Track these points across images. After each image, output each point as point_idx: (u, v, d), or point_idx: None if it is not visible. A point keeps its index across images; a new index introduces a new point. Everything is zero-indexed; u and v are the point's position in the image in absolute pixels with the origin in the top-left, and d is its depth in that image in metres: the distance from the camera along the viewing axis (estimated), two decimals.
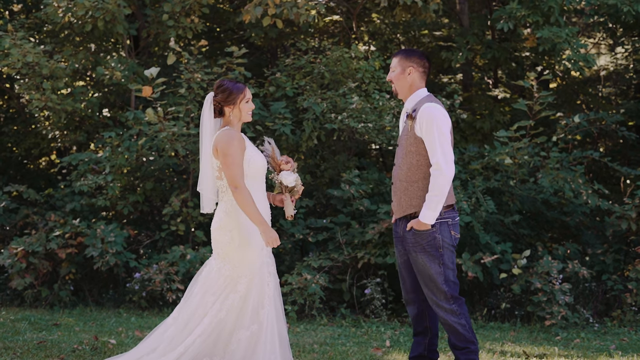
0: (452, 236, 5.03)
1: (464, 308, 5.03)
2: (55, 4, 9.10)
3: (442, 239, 4.98)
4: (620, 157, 11.53)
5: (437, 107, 4.99)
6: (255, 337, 5.02)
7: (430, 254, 4.99)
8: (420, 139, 4.97)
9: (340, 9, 11.29)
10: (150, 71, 8.31)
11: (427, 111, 4.96)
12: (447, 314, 5.01)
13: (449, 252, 5.01)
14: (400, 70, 5.11)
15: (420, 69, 5.11)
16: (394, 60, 5.16)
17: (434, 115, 4.94)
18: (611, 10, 9.84)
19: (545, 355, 6.44)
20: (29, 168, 11.60)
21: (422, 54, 5.17)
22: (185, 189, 9.11)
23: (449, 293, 4.98)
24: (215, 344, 5.01)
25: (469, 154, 9.49)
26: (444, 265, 4.99)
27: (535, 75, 8.66)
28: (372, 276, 8.40)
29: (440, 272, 4.98)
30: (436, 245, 4.98)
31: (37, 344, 6.28)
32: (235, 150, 4.98)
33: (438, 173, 4.86)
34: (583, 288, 8.41)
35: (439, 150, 4.88)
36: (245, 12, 9.16)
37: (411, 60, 5.10)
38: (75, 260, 8.66)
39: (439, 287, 4.99)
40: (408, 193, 5.02)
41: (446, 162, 4.87)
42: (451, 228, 5.02)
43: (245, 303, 5.02)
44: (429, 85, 5.34)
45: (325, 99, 9.17)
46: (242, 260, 5.03)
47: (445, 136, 4.92)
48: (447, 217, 5.00)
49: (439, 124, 4.92)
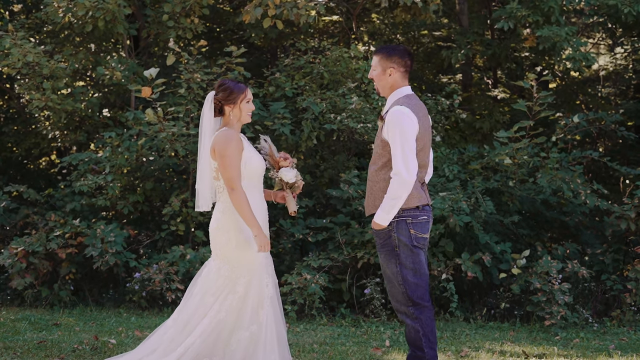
0: (413, 235, 4.88)
1: (424, 315, 4.88)
2: (56, 4, 9.11)
3: (399, 237, 4.86)
4: (620, 157, 11.54)
5: (404, 112, 4.82)
6: (255, 337, 5.03)
7: (386, 253, 4.92)
8: (386, 142, 4.88)
9: (340, 9, 11.30)
10: (149, 72, 8.32)
11: (394, 115, 4.84)
12: (404, 315, 4.93)
13: (407, 251, 4.87)
14: (380, 70, 5.02)
15: (401, 69, 5.02)
16: (374, 59, 5.06)
17: (399, 120, 4.80)
18: (611, 11, 9.85)
19: (545, 355, 6.45)
20: (29, 168, 11.61)
21: (403, 52, 5.05)
22: (185, 189, 9.12)
23: (406, 294, 4.87)
24: (215, 345, 5.02)
25: (469, 154, 9.50)
26: (401, 264, 4.87)
27: (535, 76, 8.65)
28: (372, 276, 8.41)
29: (397, 271, 4.88)
30: (392, 244, 4.88)
31: (37, 344, 6.29)
32: (233, 152, 4.99)
33: (397, 178, 4.76)
34: (582, 288, 8.42)
35: (400, 156, 4.76)
36: (245, 13, 9.17)
37: (392, 61, 5.00)
38: (76, 260, 8.67)
39: (396, 287, 4.90)
40: (373, 193, 4.97)
41: (407, 169, 4.75)
42: (411, 227, 4.87)
43: (244, 303, 5.03)
44: (428, 86, 5.33)
45: (325, 99, 9.18)
46: (241, 260, 5.04)
47: (407, 142, 4.77)
48: (407, 215, 4.87)
49: (402, 129, 4.78)
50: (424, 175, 4.99)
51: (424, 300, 4.90)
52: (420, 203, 4.91)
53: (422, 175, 4.96)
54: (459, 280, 8.46)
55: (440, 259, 8.28)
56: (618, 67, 13.32)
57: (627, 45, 13.05)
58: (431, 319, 4.92)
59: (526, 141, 8.47)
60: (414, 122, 4.83)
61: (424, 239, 4.95)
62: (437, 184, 8.84)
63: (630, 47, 12.88)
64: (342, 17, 11.53)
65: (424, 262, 4.94)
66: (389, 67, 5.00)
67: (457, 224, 8.05)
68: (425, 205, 4.95)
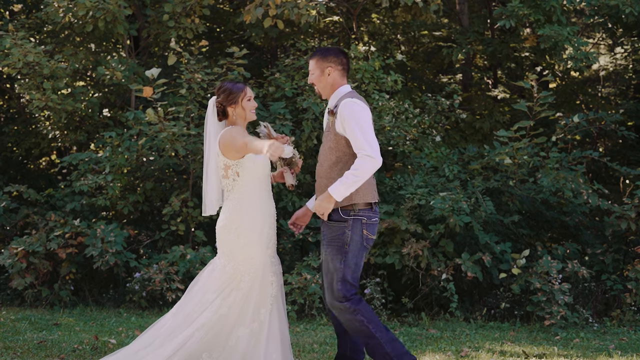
0: (364, 236, 4.93)
1: (360, 305, 4.91)
2: (56, 4, 9.11)
3: (352, 235, 4.91)
4: (620, 157, 11.55)
5: (355, 102, 4.92)
6: (256, 335, 5.04)
7: (335, 248, 4.94)
8: (340, 136, 4.94)
9: (340, 10, 11.30)
10: (151, 72, 8.33)
11: (346, 106, 4.92)
12: (342, 312, 4.94)
13: (355, 250, 4.92)
14: (319, 72, 5.08)
15: (339, 67, 5.07)
16: (311, 63, 5.13)
17: (352, 110, 4.90)
18: (612, 11, 9.85)
19: (545, 355, 6.45)
20: (29, 168, 11.61)
21: (338, 52, 5.12)
22: (185, 189, 9.12)
23: (340, 292, 4.90)
24: (215, 340, 5.03)
25: (469, 154, 9.50)
26: (345, 263, 4.91)
27: (536, 76, 8.65)
28: (372, 276, 8.41)
29: (340, 268, 4.91)
30: (344, 240, 4.92)
31: (38, 344, 6.29)
32: (245, 138, 5.03)
33: (368, 158, 4.82)
34: (582, 288, 8.42)
35: (364, 141, 4.84)
36: (245, 13, 9.17)
37: (328, 60, 5.06)
38: (76, 260, 8.67)
39: (334, 284, 4.93)
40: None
41: (372, 150, 4.83)
42: (365, 227, 4.93)
43: (247, 301, 5.06)
44: (428, 85, 5.36)
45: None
46: (246, 258, 5.07)
47: (367, 127, 4.87)
48: (363, 215, 4.93)
49: (357, 118, 4.87)
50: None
51: (354, 295, 4.95)
52: (372, 200, 4.99)
53: None
54: (459, 280, 8.47)
55: (440, 259, 8.29)
56: (618, 67, 13.33)
57: (627, 45, 13.07)
58: (367, 306, 4.96)
59: (526, 141, 8.48)
60: (367, 111, 4.95)
61: (372, 240, 5.03)
62: (437, 184, 8.85)
63: (630, 47, 12.89)
64: (342, 17, 11.54)
65: (362, 263, 5.01)
66: (327, 67, 5.07)
67: (457, 224, 8.05)
68: (376, 205, 5.04)
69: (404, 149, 9.15)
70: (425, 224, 8.49)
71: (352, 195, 4.92)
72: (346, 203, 4.93)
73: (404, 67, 11.81)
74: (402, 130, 9.12)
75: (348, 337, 5.18)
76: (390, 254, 8.22)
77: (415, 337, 7.16)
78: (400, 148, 9.15)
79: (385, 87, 9.59)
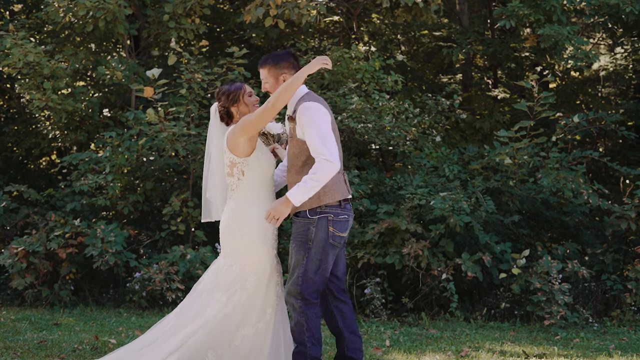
0: (331, 233, 4.89)
1: (310, 310, 4.91)
2: (56, 4, 9.12)
3: (316, 232, 4.88)
4: (620, 157, 11.55)
5: (312, 105, 4.87)
6: (261, 335, 5.05)
7: (298, 243, 4.93)
8: (302, 141, 4.92)
9: (340, 10, 11.31)
10: (152, 72, 8.33)
11: (303, 111, 4.87)
12: (291, 307, 4.96)
13: (319, 247, 4.88)
14: (273, 80, 5.05)
15: (292, 71, 5.02)
16: (262, 72, 5.09)
17: (309, 114, 4.84)
18: (612, 10, 9.85)
19: (545, 354, 6.45)
20: (30, 168, 11.62)
21: (288, 55, 5.06)
22: (185, 189, 9.12)
23: (298, 288, 4.90)
24: (219, 339, 5.03)
25: (469, 154, 9.50)
26: (308, 258, 4.89)
27: (537, 76, 8.65)
28: (372, 276, 8.42)
29: (302, 264, 4.90)
30: (308, 236, 4.89)
31: (38, 344, 6.30)
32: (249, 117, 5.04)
33: (325, 162, 4.77)
34: (582, 288, 8.42)
35: (322, 145, 4.79)
36: (246, 13, 9.18)
37: (281, 67, 5.02)
38: (76, 260, 8.67)
39: (294, 279, 4.93)
40: None
41: (332, 154, 4.78)
42: (331, 224, 4.89)
43: (253, 301, 5.06)
44: (428, 85, 5.35)
45: (325, 99, 9.19)
46: (252, 258, 5.06)
47: (325, 131, 4.81)
48: (329, 212, 4.90)
49: (315, 121, 4.82)
50: (341, 166, 5.02)
51: (312, 298, 4.93)
52: (342, 197, 4.95)
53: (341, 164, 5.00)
54: (459, 280, 8.47)
55: (440, 259, 8.29)
56: (618, 67, 13.33)
57: (627, 46, 13.07)
58: (317, 315, 4.95)
59: (526, 141, 8.48)
60: (325, 113, 4.89)
61: (341, 238, 4.97)
62: (437, 184, 8.85)
63: (630, 47, 12.89)
64: (343, 17, 11.54)
65: (330, 261, 4.95)
66: (281, 74, 5.04)
67: (458, 224, 8.05)
68: (347, 203, 4.99)
69: (404, 149, 9.16)
70: (425, 224, 8.49)
71: (319, 197, 4.88)
72: (315, 205, 4.90)
73: (404, 67, 11.82)
74: (402, 130, 9.12)
75: (345, 337, 5.16)
76: (390, 254, 8.22)
77: (415, 337, 7.16)
78: (401, 148, 9.15)
79: (385, 87, 9.60)
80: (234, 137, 5.04)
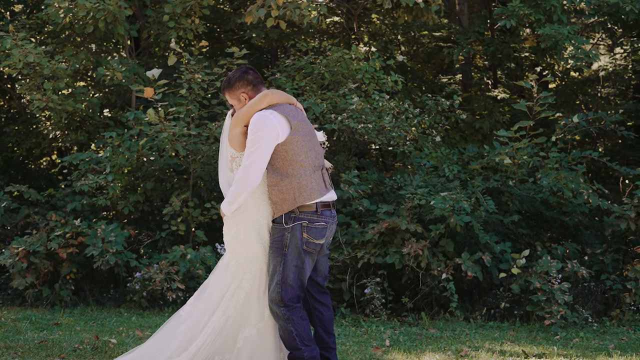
0: (305, 239, 4.89)
1: (295, 315, 4.91)
2: (57, 5, 9.13)
3: (291, 238, 4.88)
4: (619, 157, 11.57)
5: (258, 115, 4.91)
6: (262, 334, 5.04)
7: (275, 250, 4.94)
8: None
9: (340, 10, 11.32)
10: (152, 72, 8.34)
11: (251, 120, 4.94)
12: (276, 316, 4.95)
13: (295, 253, 4.88)
14: (236, 101, 5.09)
15: (249, 87, 5.05)
16: (226, 97, 5.14)
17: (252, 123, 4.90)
18: (612, 10, 9.86)
19: (545, 354, 6.46)
20: (30, 168, 11.64)
21: (240, 73, 5.08)
22: (185, 189, 9.13)
23: (278, 295, 4.89)
24: (225, 342, 5.03)
25: (469, 154, 9.51)
26: (285, 265, 4.89)
27: (536, 76, 8.66)
28: (372, 276, 8.43)
29: (280, 271, 4.89)
30: (283, 242, 4.90)
31: (38, 344, 6.31)
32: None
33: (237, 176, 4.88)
34: (582, 288, 8.43)
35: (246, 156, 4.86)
36: (247, 14, 9.19)
37: (236, 88, 5.06)
38: (76, 260, 8.68)
39: (274, 287, 4.92)
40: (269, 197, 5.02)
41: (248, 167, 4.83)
42: (305, 230, 4.89)
43: (250, 299, 5.05)
44: (428, 86, 5.35)
45: (325, 100, 9.20)
46: (248, 256, 5.04)
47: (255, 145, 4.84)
48: (304, 218, 4.90)
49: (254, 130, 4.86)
50: (319, 163, 5.02)
51: (294, 302, 4.93)
52: (319, 196, 4.92)
53: (318, 162, 5.00)
54: (459, 280, 8.48)
55: (440, 258, 8.30)
56: (618, 67, 13.34)
57: (626, 46, 13.08)
58: (303, 318, 4.95)
59: (526, 141, 8.49)
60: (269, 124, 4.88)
61: (317, 245, 4.96)
62: (437, 184, 8.86)
63: (629, 47, 12.91)
64: (343, 17, 11.56)
65: (308, 267, 4.95)
66: (240, 94, 5.07)
67: (458, 223, 8.06)
68: (325, 209, 4.97)
69: (404, 149, 9.17)
70: (425, 224, 8.50)
71: (295, 198, 4.89)
72: (290, 208, 4.90)
73: (404, 67, 11.83)
74: (402, 130, 9.13)
75: (320, 335, 5.17)
76: (390, 253, 8.23)
77: (415, 337, 7.18)
78: (400, 148, 9.16)
79: (385, 88, 9.61)
80: (230, 130, 5.07)
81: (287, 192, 4.89)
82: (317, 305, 5.15)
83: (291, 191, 4.88)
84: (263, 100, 4.97)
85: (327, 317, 5.17)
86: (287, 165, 4.90)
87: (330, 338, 5.18)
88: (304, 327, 4.94)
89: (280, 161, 4.91)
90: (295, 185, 4.88)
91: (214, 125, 8.70)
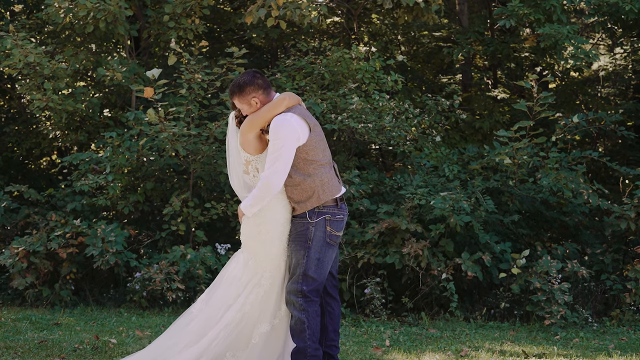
0: (328, 232, 5.04)
1: (311, 307, 4.99)
2: (57, 5, 9.13)
3: (315, 232, 5.01)
4: (619, 157, 11.57)
5: (279, 119, 4.97)
6: (277, 331, 5.12)
7: (298, 243, 5.03)
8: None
9: (340, 10, 11.32)
10: (152, 72, 8.34)
11: (272, 124, 4.99)
12: (291, 306, 5.02)
13: (319, 246, 5.02)
14: (247, 106, 5.10)
15: (260, 91, 5.08)
16: (235, 102, 5.14)
17: (274, 127, 4.96)
18: (612, 10, 9.86)
19: (545, 354, 6.46)
20: (30, 168, 11.63)
21: (250, 77, 5.10)
22: (185, 189, 9.13)
23: (299, 286, 4.98)
24: (239, 339, 5.08)
25: (469, 154, 9.51)
26: (308, 257, 5.00)
27: (536, 76, 8.67)
28: (372, 276, 8.43)
29: (303, 263, 4.99)
30: (307, 236, 5.02)
31: (38, 344, 6.31)
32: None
33: (262, 181, 4.94)
34: (582, 288, 8.43)
35: (270, 161, 4.93)
36: (247, 14, 9.19)
37: (247, 92, 5.07)
38: (76, 260, 8.69)
39: (295, 278, 5.01)
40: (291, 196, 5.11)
41: (274, 173, 4.91)
42: (328, 224, 5.04)
43: (269, 297, 5.11)
44: (428, 86, 5.36)
45: (325, 100, 9.20)
46: (268, 254, 5.11)
47: (279, 149, 4.92)
48: (327, 212, 5.05)
49: (277, 135, 4.93)
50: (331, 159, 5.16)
51: (313, 296, 5.02)
52: (338, 193, 5.09)
53: (330, 159, 5.15)
54: (459, 280, 8.48)
55: (440, 258, 8.30)
56: (617, 67, 13.34)
57: (626, 46, 13.08)
58: (317, 314, 5.04)
59: (526, 141, 8.49)
60: (291, 127, 4.96)
61: (337, 237, 5.11)
62: (437, 184, 8.86)
63: (629, 47, 12.91)
64: (343, 17, 11.56)
65: (329, 260, 5.08)
66: (251, 98, 5.09)
67: (458, 223, 8.06)
68: (342, 203, 5.13)
69: (404, 149, 9.17)
70: (425, 224, 8.50)
71: (319, 196, 5.01)
72: (315, 205, 5.02)
73: (404, 67, 11.83)
74: (402, 130, 9.13)
75: (328, 332, 5.23)
76: (390, 253, 8.23)
77: (415, 337, 7.18)
78: (400, 148, 9.17)
79: (385, 88, 9.61)
80: (242, 135, 5.09)
81: (310, 191, 5.03)
82: (330, 299, 5.25)
83: (315, 190, 5.02)
84: (281, 104, 5.03)
85: (337, 313, 5.27)
86: (307, 165, 5.03)
87: (337, 336, 5.27)
88: (316, 323, 5.03)
89: (302, 162, 5.03)
90: (318, 183, 5.03)
91: (214, 125, 8.70)
